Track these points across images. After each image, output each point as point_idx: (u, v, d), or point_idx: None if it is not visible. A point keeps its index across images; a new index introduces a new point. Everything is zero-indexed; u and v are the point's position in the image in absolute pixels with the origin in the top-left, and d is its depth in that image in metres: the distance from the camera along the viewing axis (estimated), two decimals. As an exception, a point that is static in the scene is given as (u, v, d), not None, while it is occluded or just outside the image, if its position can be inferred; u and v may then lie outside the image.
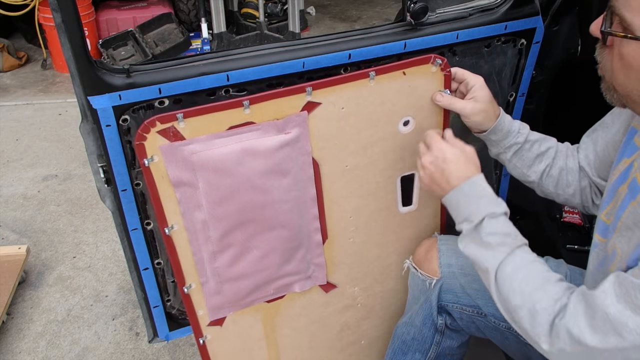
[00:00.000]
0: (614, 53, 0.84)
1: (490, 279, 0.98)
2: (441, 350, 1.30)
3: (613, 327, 0.81)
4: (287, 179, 1.15)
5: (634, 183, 0.93)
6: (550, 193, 1.24)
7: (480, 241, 1.00)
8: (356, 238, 1.34)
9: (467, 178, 1.04)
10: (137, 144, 1.01)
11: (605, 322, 0.82)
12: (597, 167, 1.17)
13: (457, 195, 1.04)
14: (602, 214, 1.02)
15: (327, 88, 1.12)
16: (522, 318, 0.93)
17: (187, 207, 1.11)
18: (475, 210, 1.01)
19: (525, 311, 0.92)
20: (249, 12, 4.21)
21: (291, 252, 1.26)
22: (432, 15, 1.23)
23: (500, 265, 0.97)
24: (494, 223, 1.00)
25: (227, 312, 1.29)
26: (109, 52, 3.72)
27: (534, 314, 0.91)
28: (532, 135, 1.21)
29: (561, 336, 0.87)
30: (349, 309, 1.46)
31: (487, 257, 0.99)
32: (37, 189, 2.74)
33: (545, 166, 1.21)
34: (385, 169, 1.27)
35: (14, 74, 3.97)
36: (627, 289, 0.80)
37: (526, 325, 0.92)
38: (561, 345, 0.87)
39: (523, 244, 0.99)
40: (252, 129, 1.09)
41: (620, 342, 0.80)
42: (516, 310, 0.93)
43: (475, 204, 1.02)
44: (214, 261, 1.19)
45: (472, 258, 1.03)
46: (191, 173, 1.07)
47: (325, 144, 1.18)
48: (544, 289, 0.92)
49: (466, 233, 1.04)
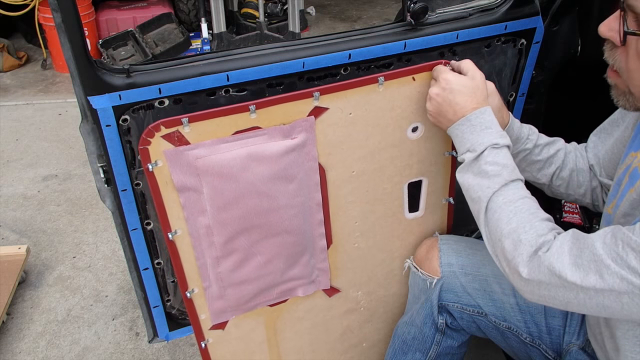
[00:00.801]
0: (630, 53, 0.82)
1: (481, 207, 0.98)
2: (442, 350, 1.30)
3: (596, 267, 0.81)
4: (292, 184, 1.14)
5: (634, 172, 0.94)
6: (561, 194, 1.24)
7: (478, 169, 1.01)
8: (361, 243, 1.34)
9: (473, 109, 1.04)
10: (141, 149, 1.01)
11: (590, 262, 0.82)
12: (605, 165, 1.16)
13: (463, 125, 1.04)
14: (609, 207, 1.02)
15: (335, 93, 1.11)
16: (505, 247, 0.93)
17: (191, 212, 1.10)
18: (480, 140, 1.01)
19: (510, 241, 0.92)
20: (249, 12, 4.21)
21: (295, 257, 1.25)
22: (432, 15, 1.23)
23: (493, 195, 0.97)
24: (495, 153, 1.00)
25: (230, 316, 1.28)
26: (109, 52, 3.72)
27: (517, 243, 0.91)
28: (540, 139, 1.21)
29: (542, 268, 0.87)
30: (351, 313, 1.46)
31: (481, 185, 0.99)
32: (37, 189, 2.74)
33: (555, 169, 1.21)
34: (392, 175, 1.26)
35: (14, 74, 3.97)
36: (617, 238, 0.81)
37: (508, 254, 0.92)
38: (540, 276, 0.87)
39: (518, 179, 1.00)
40: (258, 134, 1.08)
41: (599, 283, 0.81)
42: (501, 239, 0.94)
43: (479, 134, 1.02)
44: (218, 266, 1.18)
45: (466, 186, 1.03)
46: (196, 178, 1.06)
47: (332, 149, 1.17)
48: (531, 222, 0.92)
49: (466, 163, 1.03)
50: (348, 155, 1.20)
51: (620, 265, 0.79)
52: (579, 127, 1.27)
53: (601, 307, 0.83)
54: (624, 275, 0.79)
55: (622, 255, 0.79)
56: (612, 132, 1.15)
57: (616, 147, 1.13)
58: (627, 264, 0.79)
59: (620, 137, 1.11)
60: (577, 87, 1.61)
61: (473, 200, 1.02)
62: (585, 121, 1.26)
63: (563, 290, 0.86)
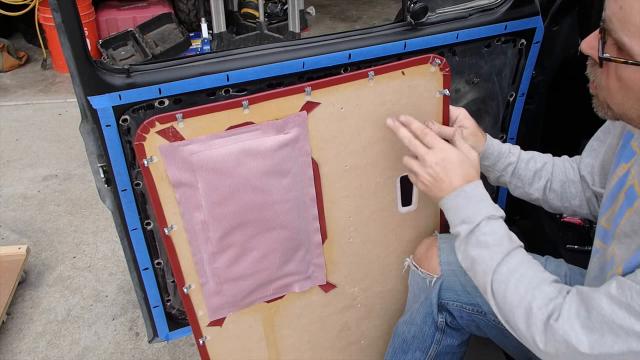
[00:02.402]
0: (610, 74, 0.81)
1: (487, 280, 0.97)
2: (441, 349, 1.30)
3: (609, 328, 0.80)
4: (286, 179, 1.15)
5: (630, 190, 0.93)
6: (558, 207, 1.24)
7: (476, 241, 1.00)
8: (356, 238, 1.34)
9: (469, 181, 1.04)
10: (137, 144, 1.01)
11: (602, 324, 0.81)
12: (599, 173, 1.16)
13: (459, 197, 1.03)
14: (602, 219, 1.02)
15: (327, 88, 1.11)
16: (517, 318, 0.92)
17: (187, 208, 1.11)
18: (476, 212, 1.01)
19: (522, 310, 0.91)
20: (249, 12, 4.21)
21: (291, 252, 1.26)
22: (432, 15, 1.23)
23: (498, 266, 0.96)
24: (492, 224, 1.00)
25: (227, 312, 1.29)
26: (109, 52, 3.72)
27: (529, 313, 0.90)
28: (524, 154, 1.22)
29: (557, 338, 0.86)
30: (348, 309, 1.46)
31: (484, 258, 0.98)
32: (37, 189, 2.74)
33: (545, 182, 1.21)
34: (385, 169, 1.27)
35: (14, 74, 3.97)
36: (623, 289, 0.80)
37: (522, 325, 0.92)
38: (557, 347, 0.87)
39: (519, 246, 0.99)
40: (251, 129, 1.09)
41: (616, 343, 0.80)
42: (512, 311, 0.93)
43: (475, 206, 1.02)
44: (214, 262, 1.19)
45: (467, 260, 1.02)
46: (190, 173, 1.07)
47: (325, 144, 1.18)
48: (539, 287, 0.92)
49: (463, 236, 1.02)
50: (341, 150, 1.20)
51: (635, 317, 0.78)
52: (579, 127, 1.27)
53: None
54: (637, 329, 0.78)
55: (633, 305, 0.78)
56: (605, 139, 1.15)
57: (607, 155, 1.13)
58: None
59: (610, 145, 1.12)
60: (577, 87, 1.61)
61: (477, 274, 1.00)
62: (585, 121, 1.26)
63: (582, 357, 0.85)
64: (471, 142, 1.17)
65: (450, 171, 1.04)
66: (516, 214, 1.78)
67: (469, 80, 1.37)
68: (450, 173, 1.04)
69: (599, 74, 0.84)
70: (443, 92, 1.19)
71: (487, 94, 1.42)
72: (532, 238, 1.02)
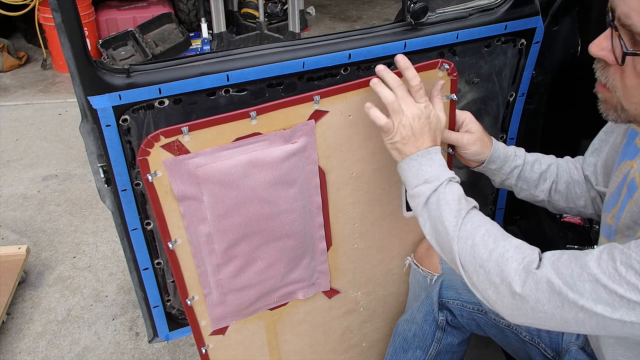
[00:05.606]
0: (626, 71, 0.79)
1: (452, 238, 0.95)
2: (442, 348, 1.30)
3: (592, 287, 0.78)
4: (293, 188, 1.14)
5: (632, 183, 0.93)
6: (562, 208, 1.24)
7: (437, 200, 0.99)
8: (360, 244, 1.34)
9: (436, 144, 1.05)
10: (140, 159, 1.00)
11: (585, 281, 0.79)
12: (602, 172, 1.16)
13: (423, 157, 1.03)
14: (608, 216, 1.01)
15: (335, 96, 1.10)
16: (489, 270, 0.88)
17: (191, 221, 1.09)
18: (439, 173, 1.01)
19: (493, 263, 0.88)
20: (249, 12, 4.21)
21: (296, 260, 1.25)
22: (432, 15, 1.23)
23: (462, 224, 0.95)
24: (452, 185, 1.01)
25: (230, 321, 1.28)
26: (109, 52, 3.72)
27: (504, 262, 0.87)
28: (530, 157, 1.22)
29: (540, 285, 0.83)
30: (351, 313, 1.46)
31: (447, 216, 0.97)
32: (37, 189, 2.74)
33: (551, 183, 1.21)
34: (391, 175, 1.26)
35: (14, 74, 3.97)
36: (613, 256, 0.78)
37: (494, 276, 0.88)
38: (538, 294, 0.83)
39: (474, 206, 1.00)
40: (258, 140, 1.07)
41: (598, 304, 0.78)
42: (482, 265, 0.90)
43: (437, 168, 1.02)
44: (218, 273, 1.17)
45: (429, 219, 1.01)
46: (196, 187, 1.05)
47: (332, 152, 1.17)
48: (509, 242, 0.90)
49: (426, 195, 1.01)
50: (347, 158, 1.19)
51: (618, 283, 0.76)
52: (579, 127, 1.27)
53: (601, 326, 0.79)
54: (621, 293, 0.76)
55: (621, 271, 0.76)
56: (607, 138, 1.15)
57: (610, 154, 1.12)
58: (626, 281, 0.75)
59: (613, 144, 1.11)
60: (577, 87, 1.61)
61: (439, 234, 0.99)
62: (586, 121, 1.26)
63: (562, 310, 0.81)
64: (477, 147, 1.16)
65: (427, 130, 1.04)
66: (516, 214, 1.78)
67: (469, 80, 1.37)
68: (425, 131, 1.04)
69: (611, 75, 0.82)
70: (450, 97, 1.18)
71: (487, 94, 1.42)
72: (532, 238, 1.01)
